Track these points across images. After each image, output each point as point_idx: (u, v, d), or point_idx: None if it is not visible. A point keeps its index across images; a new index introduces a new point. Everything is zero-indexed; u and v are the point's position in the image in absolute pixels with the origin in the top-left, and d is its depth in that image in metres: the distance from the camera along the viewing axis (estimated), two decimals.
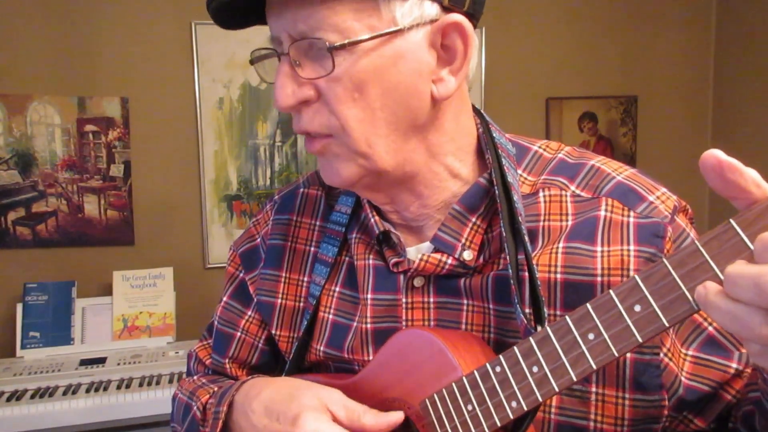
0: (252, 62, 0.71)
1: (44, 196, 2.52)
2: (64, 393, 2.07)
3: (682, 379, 0.66)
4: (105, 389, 2.10)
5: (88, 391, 2.09)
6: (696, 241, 0.46)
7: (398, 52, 0.62)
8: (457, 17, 0.63)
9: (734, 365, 0.66)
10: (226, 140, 2.68)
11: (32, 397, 2.04)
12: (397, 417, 0.65)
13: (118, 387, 2.11)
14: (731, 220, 0.44)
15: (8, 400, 2.04)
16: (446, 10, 0.63)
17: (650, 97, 3.12)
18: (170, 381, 2.15)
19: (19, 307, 2.36)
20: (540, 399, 0.56)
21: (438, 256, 0.70)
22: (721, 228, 0.45)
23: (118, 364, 2.26)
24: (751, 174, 0.44)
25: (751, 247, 0.43)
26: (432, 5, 0.62)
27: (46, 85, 2.49)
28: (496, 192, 0.68)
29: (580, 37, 3.02)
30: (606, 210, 0.67)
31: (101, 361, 2.28)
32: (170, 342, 2.44)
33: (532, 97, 3.00)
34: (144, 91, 2.57)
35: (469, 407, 0.61)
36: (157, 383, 2.14)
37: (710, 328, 0.68)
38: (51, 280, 2.43)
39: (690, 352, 0.67)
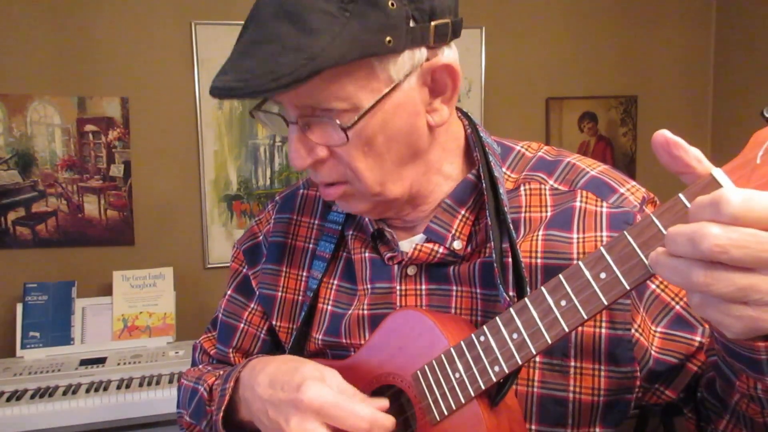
0: (251, 114, 0.75)
1: (44, 196, 2.52)
2: (64, 393, 2.07)
3: (652, 352, 0.72)
4: (105, 389, 2.10)
5: (88, 391, 2.08)
6: (651, 214, 0.52)
7: (397, 102, 0.67)
8: (446, 59, 0.69)
9: (698, 338, 0.72)
10: (226, 140, 2.68)
11: (32, 397, 2.04)
12: (381, 403, 0.69)
13: (118, 387, 2.11)
14: (680, 195, 0.50)
15: (8, 400, 2.03)
16: (432, 49, 0.68)
17: (650, 97, 3.12)
18: (170, 381, 2.15)
19: (19, 307, 2.36)
20: (520, 362, 0.62)
21: (430, 245, 0.76)
22: (672, 201, 0.51)
23: (118, 364, 2.26)
24: (694, 151, 0.50)
25: None
26: (420, 51, 0.67)
27: (46, 85, 2.49)
28: (484, 186, 0.74)
29: (580, 37, 3.02)
30: (581, 201, 0.74)
31: (101, 361, 2.28)
32: (170, 342, 2.44)
33: (532, 97, 3.01)
34: (144, 91, 2.57)
35: (456, 375, 0.66)
36: (157, 383, 2.14)
37: (677, 307, 0.73)
38: (51, 280, 2.43)
39: (659, 329, 0.73)
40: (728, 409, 0.67)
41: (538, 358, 0.71)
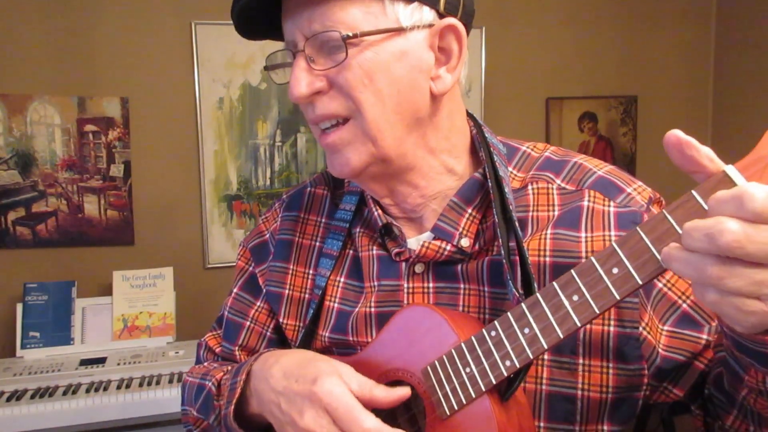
0: (267, 68, 0.78)
1: (44, 196, 2.52)
2: (64, 393, 2.07)
3: (660, 350, 0.73)
4: (105, 389, 2.10)
5: (88, 391, 2.08)
6: (664, 211, 0.53)
7: (401, 49, 0.70)
8: (453, 20, 0.72)
9: (705, 336, 0.73)
10: (226, 140, 2.68)
11: (32, 397, 2.04)
12: (404, 392, 0.70)
13: (118, 387, 2.11)
14: (692, 191, 0.52)
15: (8, 400, 2.03)
16: (442, 16, 0.72)
17: (650, 97, 3.12)
18: (170, 381, 2.15)
19: (19, 307, 2.36)
20: (531, 356, 0.62)
21: (438, 243, 0.77)
22: (684, 198, 0.52)
23: (118, 364, 2.26)
24: (705, 150, 0.51)
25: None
26: (430, 11, 0.71)
27: (46, 85, 2.49)
28: (489, 185, 0.75)
29: (580, 37, 3.02)
30: (589, 200, 0.75)
31: (101, 361, 2.28)
32: (170, 342, 2.44)
33: (532, 97, 3.01)
34: (144, 91, 2.57)
35: (467, 369, 0.66)
36: (157, 383, 2.13)
37: (684, 306, 0.74)
38: (51, 280, 2.43)
39: (666, 327, 0.74)
40: (735, 405, 0.69)
41: (546, 356, 0.72)
